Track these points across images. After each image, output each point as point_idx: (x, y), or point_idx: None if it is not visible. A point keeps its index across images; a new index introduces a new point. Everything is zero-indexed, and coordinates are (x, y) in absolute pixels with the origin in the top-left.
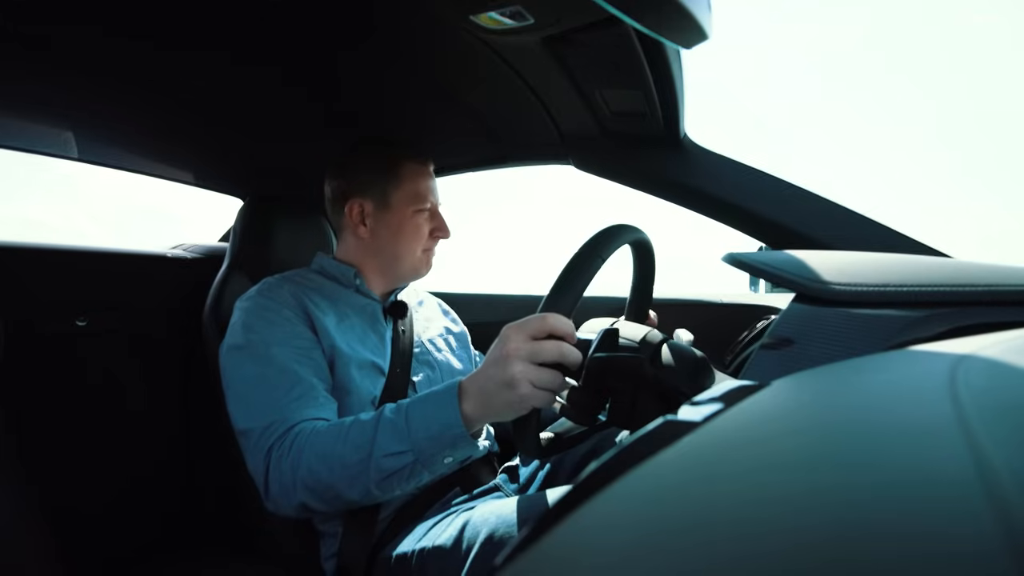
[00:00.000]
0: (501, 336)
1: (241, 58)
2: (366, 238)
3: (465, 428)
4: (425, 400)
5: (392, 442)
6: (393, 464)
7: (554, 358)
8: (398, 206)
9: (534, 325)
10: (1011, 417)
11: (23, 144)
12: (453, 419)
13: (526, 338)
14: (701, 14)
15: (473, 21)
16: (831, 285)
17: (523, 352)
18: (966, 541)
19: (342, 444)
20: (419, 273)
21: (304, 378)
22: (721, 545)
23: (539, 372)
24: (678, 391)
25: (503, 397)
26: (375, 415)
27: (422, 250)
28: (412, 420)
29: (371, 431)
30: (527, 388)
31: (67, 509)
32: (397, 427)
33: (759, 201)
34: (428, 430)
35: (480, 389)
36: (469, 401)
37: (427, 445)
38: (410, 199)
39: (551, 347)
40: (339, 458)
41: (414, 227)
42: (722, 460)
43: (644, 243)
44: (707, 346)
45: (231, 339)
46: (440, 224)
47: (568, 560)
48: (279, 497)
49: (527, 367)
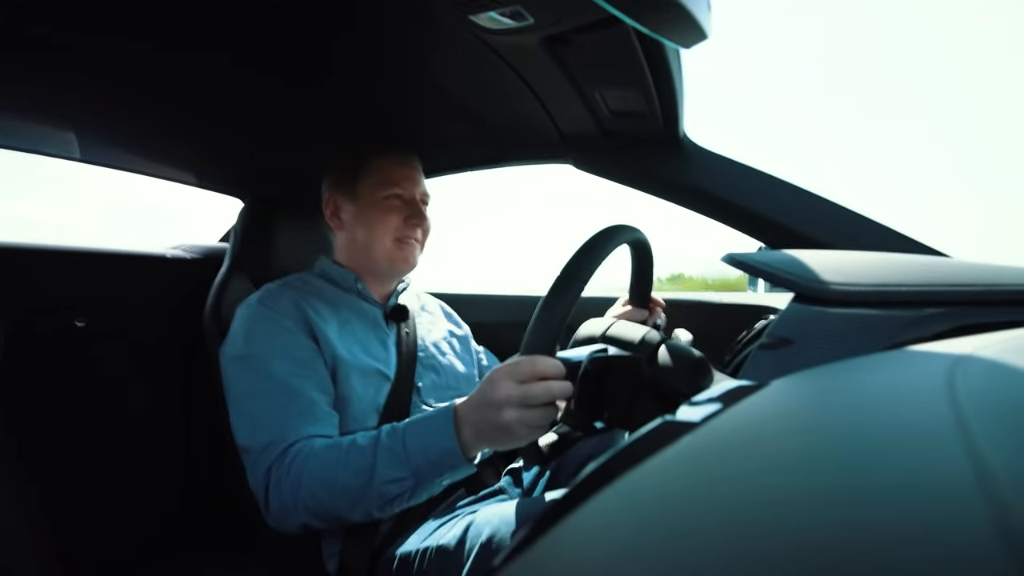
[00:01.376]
0: (491, 379)
1: (241, 59)
2: (342, 233)
3: (463, 455)
4: (422, 424)
5: (392, 469)
6: (394, 489)
7: (544, 400)
8: (364, 194)
9: (523, 370)
10: (1009, 418)
11: (26, 145)
12: (451, 447)
13: (515, 383)
14: (700, 13)
15: (473, 21)
16: (830, 285)
17: (514, 399)
18: (964, 542)
19: (343, 469)
20: (396, 266)
21: (304, 393)
22: (719, 547)
23: (532, 414)
24: (677, 391)
25: (499, 439)
26: (372, 439)
27: (393, 239)
28: (410, 446)
29: (370, 456)
30: (523, 431)
31: (67, 509)
32: (395, 453)
33: (758, 201)
34: (426, 455)
35: (475, 426)
36: (465, 430)
37: (427, 470)
38: (376, 186)
39: (540, 390)
40: (340, 483)
41: (381, 212)
42: (721, 461)
43: (639, 241)
44: (706, 346)
45: (232, 348)
46: (416, 211)
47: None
48: (280, 516)
49: (520, 412)
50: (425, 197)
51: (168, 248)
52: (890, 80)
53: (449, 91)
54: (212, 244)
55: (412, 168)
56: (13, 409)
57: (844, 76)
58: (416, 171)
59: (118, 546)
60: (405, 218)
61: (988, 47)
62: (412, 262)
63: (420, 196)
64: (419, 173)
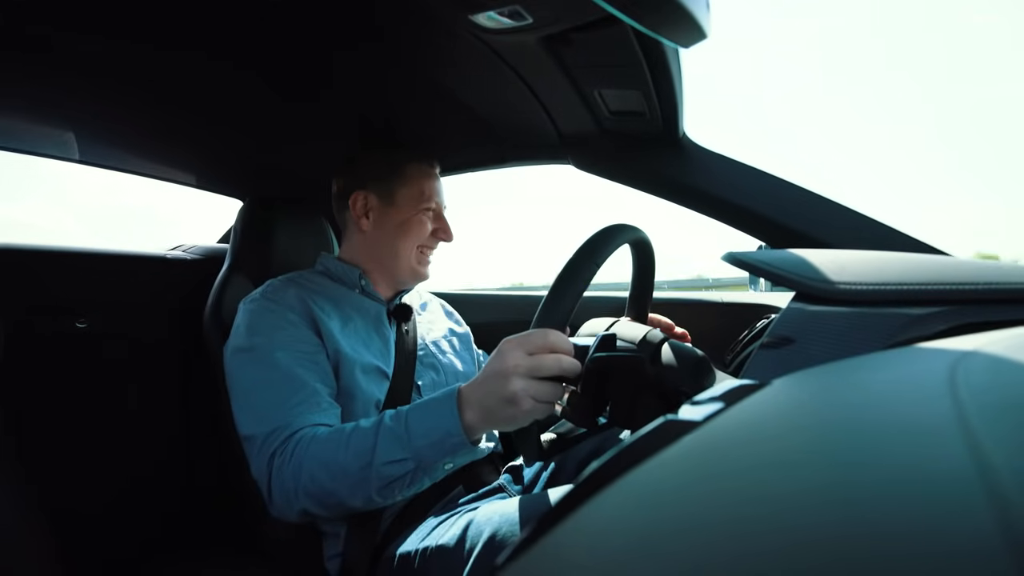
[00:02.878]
0: (500, 351)
1: (241, 60)
2: (368, 231)
3: (466, 436)
4: (425, 407)
5: (393, 450)
6: (394, 471)
7: (554, 372)
8: (403, 203)
9: (533, 341)
10: (1011, 416)
11: (25, 146)
12: (454, 428)
13: (525, 354)
14: (700, 13)
15: (472, 21)
16: (831, 284)
17: (523, 368)
18: (966, 539)
19: (344, 452)
20: (416, 274)
21: (307, 383)
22: (722, 545)
23: (540, 386)
24: (679, 390)
25: (505, 412)
26: (375, 422)
27: (419, 248)
28: (412, 428)
29: (372, 438)
30: (529, 403)
31: (67, 509)
32: (397, 435)
33: (758, 200)
34: (428, 438)
35: (481, 402)
36: (470, 411)
37: (428, 453)
38: (415, 198)
39: (551, 361)
40: (341, 466)
41: (417, 224)
42: (722, 459)
43: (642, 242)
44: (707, 345)
45: (235, 341)
46: (444, 226)
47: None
48: (282, 503)
49: (528, 383)
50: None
51: (168, 249)
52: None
53: (448, 91)
54: (212, 245)
55: (438, 179)
56: (13, 409)
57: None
58: (439, 183)
59: (118, 546)
60: (435, 231)
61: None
62: (427, 274)
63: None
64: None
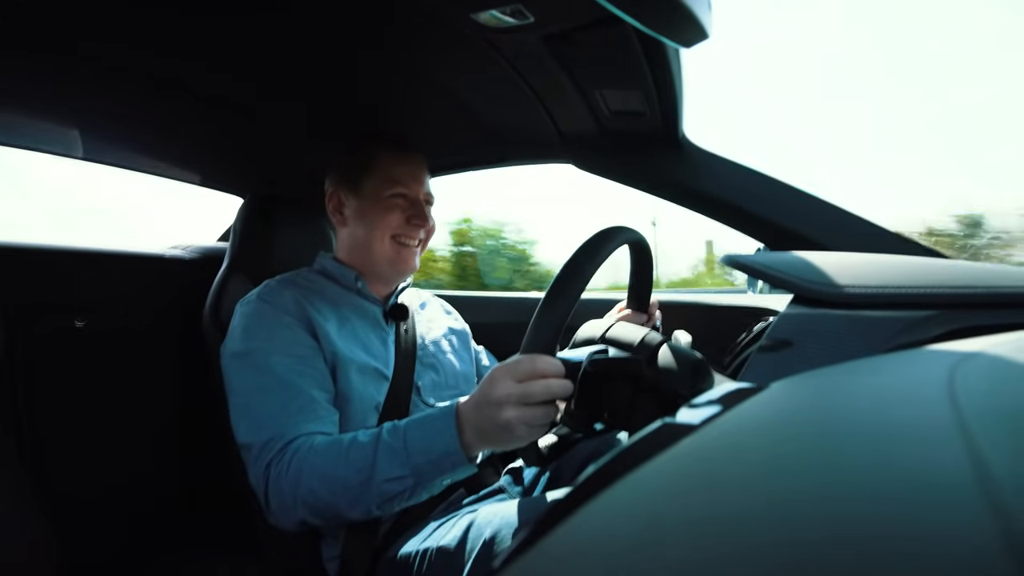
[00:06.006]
0: (491, 377)
1: (242, 58)
2: (344, 228)
3: (464, 455)
4: (423, 424)
5: (393, 467)
6: (394, 488)
7: (544, 398)
8: (368, 193)
9: (521, 369)
10: (1009, 419)
11: (29, 143)
12: (452, 447)
13: (514, 382)
14: (701, 13)
15: (474, 19)
16: (829, 287)
17: (514, 397)
18: (964, 542)
19: (343, 466)
20: (395, 266)
21: (304, 390)
22: (719, 547)
23: (532, 412)
24: (677, 393)
25: (500, 438)
26: (373, 436)
27: (391, 236)
28: (411, 445)
29: (371, 454)
30: (523, 430)
31: (67, 510)
32: (396, 451)
33: (757, 202)
34: (427, 455)
35: (476, 426)
36: (467, 431)
37: (427, 469)
38: (381, 184)
39: (540, 387)
40: (340, 480)
41: (383, 210)
42: (720, 463)
43: (635, 241)
44: (706, 348)
45: (232, 344)
46: (419, 211)
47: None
48: (279, 513)
49: (520, 410)
50: (429, 197)
51: (167, 248)
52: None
53: (449, 90)
54: (211, 244)
55: (417, 167)
56: (13, 409)
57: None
58: (421, 170)
59: (118, 546)
60: (408, 218)
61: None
62: (412, 265)
63: (424, 196)
64: (424, 172)
